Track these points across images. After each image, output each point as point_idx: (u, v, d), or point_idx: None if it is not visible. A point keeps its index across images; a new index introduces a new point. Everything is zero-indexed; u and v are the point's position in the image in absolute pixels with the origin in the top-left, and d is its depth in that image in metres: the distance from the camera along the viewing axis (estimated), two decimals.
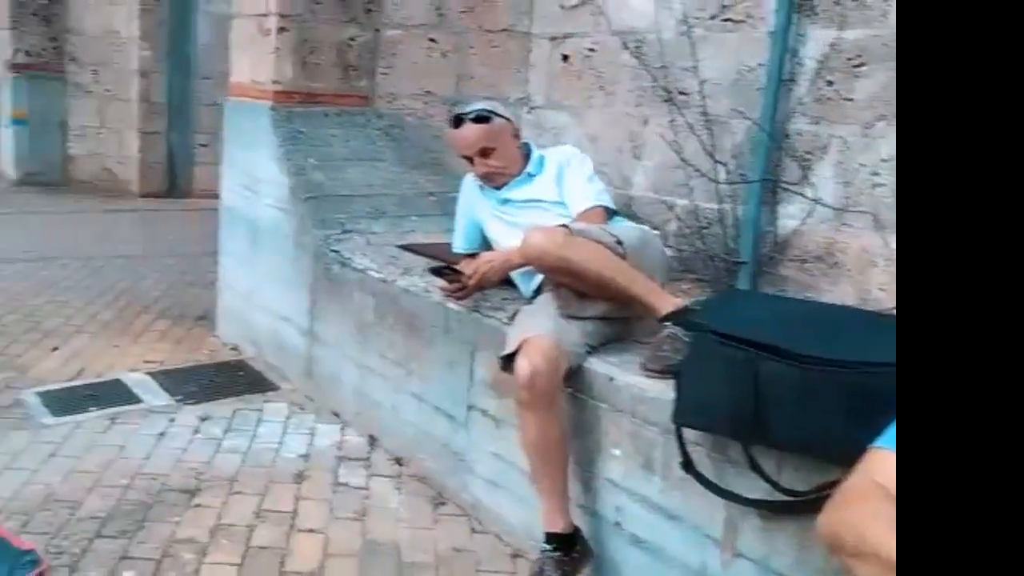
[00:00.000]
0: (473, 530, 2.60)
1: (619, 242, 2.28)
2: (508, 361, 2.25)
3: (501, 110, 2.74)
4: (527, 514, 2.42)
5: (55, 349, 3.93)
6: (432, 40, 3.99)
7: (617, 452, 2.18)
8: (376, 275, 3.08)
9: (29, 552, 1.57)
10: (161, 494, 2.70)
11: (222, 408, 3.38)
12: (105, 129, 8.35)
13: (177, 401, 3.42)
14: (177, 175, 8.30)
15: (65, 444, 3.00)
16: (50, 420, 3.19)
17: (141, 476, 2.81)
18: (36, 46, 8.29)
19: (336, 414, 3.33)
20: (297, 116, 3.78)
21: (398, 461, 2.98)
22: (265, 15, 3.80)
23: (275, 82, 3.76)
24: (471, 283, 2.54)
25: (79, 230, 6.64)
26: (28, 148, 8.34)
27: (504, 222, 2.70)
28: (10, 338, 4.03)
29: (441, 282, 2.64)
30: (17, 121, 8.31)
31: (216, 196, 4.30)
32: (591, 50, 3.54)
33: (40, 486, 2.70)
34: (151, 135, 8.17)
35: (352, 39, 3.87)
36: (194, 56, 8.12)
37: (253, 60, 3.92)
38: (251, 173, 3.89)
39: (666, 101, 3.11)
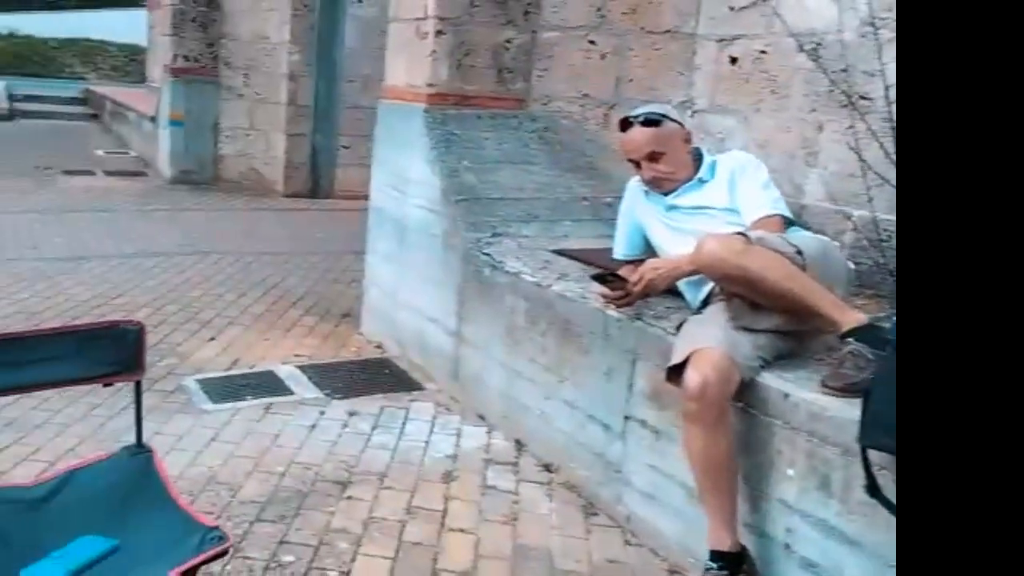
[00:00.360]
0: (627, 542, 2.53)
1: (799, 252, 2.18)
2: (674, 372, 2.18)
3: (673, 114, 2.66)
4: (685, 529, 2.34)
5: (211, 339, 4.09)
6: (591, 42, 3.94)
7: (791, 472, 2.07)
8: (529, 279, 3.05)
9: (215, 529, 1.61)
10: (315, 484, 2.76)
11: (369, 404, 3.42)
12: (253, 131, 8.71)
13: (326, 395, 3.49)
14: (320, 176, 8.56)
15: (224, 430, 3.11)
16: (209, 406, 3.31)
17: (296, 465, 2.88)
18: (194, 51, 8.73)
19: (482, 416, 3.32)
20: (451, 118, 3.80)
21: (547, 468, 2.93)
22: (423, 18, 3.84)
23: (430, 84, 3.79)
24: (636, 290, 2.47)
25: (228, 226, 6.94)
26: (183, 148, 8.79)
27: (670, 228, 2.61)
28: (171, 327, 4.22)
29: (602, 288, 2.59)
30: (174, 122, 8.77)
31: (356, 197, 4.37)
32: (762, 52, 3.42)
33: (203, 468, 2.80)
34: (296, 137, 8.46)
35: (508, 41, 3.86)
36: (340, 60, 8.36)
37: (409, 63, 3.97)
38: (401, 174, 3.93)
39: (845, 106, 2.95)
